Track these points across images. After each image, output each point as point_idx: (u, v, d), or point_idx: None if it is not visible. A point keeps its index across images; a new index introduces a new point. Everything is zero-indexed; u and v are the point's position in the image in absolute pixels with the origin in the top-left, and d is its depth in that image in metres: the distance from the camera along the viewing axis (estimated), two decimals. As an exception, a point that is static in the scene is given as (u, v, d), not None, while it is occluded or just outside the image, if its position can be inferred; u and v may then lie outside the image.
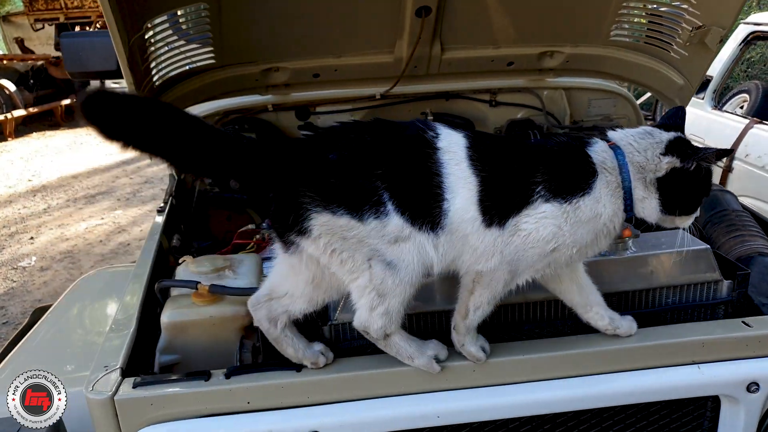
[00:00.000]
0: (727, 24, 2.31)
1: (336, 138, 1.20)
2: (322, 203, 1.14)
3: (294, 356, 1.30)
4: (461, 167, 1.18)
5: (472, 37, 2.59)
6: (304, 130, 2.71)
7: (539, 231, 1.17)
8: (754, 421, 1.34)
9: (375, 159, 1.16)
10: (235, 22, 2.32)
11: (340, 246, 1.15)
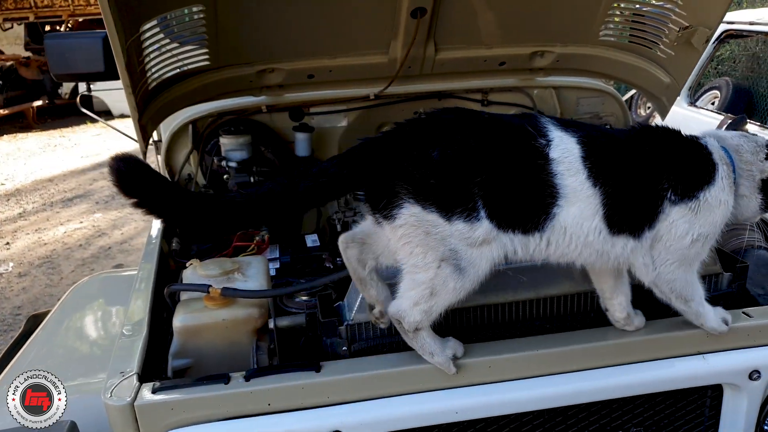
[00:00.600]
0: (714, 24, 2.38)
1: (442, 131, 1.18)
2: (416, 198, 1.15)
3: (375, 298, 1.32)
4: (578, 179, 1.18)
5: (466, 38, 2.62)
6: (299, 131, 2.71)
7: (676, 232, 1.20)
8: (755, 407, 1.40)
9: (478, 165, 1.15)
10: (231, 24, 2.31)
11: (417, 240, 1.16)
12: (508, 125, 1.21)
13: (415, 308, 1.21)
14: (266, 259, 1.81)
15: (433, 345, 1.26)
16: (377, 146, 1.21)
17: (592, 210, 1.18)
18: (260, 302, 1.55)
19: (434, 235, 1.16)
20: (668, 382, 1.36)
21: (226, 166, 2.52)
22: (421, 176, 1.14)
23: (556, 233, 1.20)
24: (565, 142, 1.19)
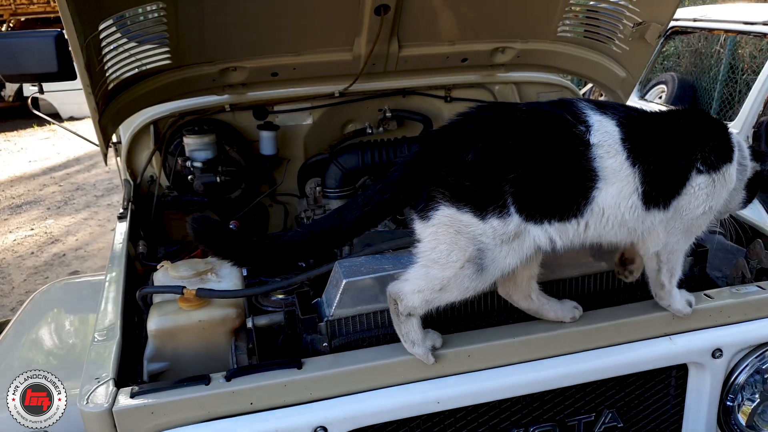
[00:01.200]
0: (666, 20, 2.48)
1: (477, 132, 1.20)
2: (452, 200, 1.18)
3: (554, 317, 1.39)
4: (617, 160, 1.21)
5: (429, 35, 2.65)
6: (263, 129, 2.69)
7: (695, 200, 1.27)
8: (718, 383, 1.47)
9: (513, 163, 1.18)
10: (193, 22, 2.28)
11: (445, 238, 1.20)
12: (547, 117, 1.24)
13: (416, 294, 1.24)
14: (238, 259, 1.79)
15: (417, 335, 1.28)
16: (415, 162, 1.24)
17: (630, 189, 1.22)
18: (236, 302, 1.54)
19: (465, 235, 1.19)
20: (639, 363, 1.41)
21: (191, 166, 2.48)
22: (456, 180, 1.18)
23: (595, 216, 1.23)
24: (604, 126, 1.23)
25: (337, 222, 1.26)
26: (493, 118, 1.23)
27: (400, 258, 1.45)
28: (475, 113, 1.26)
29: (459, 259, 1.20)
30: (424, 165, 1.21)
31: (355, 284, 1.38)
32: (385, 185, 1.23)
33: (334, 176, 2.40)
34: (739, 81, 8.01)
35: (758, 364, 1.48)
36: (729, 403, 1.50)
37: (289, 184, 2.85)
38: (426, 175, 1.20)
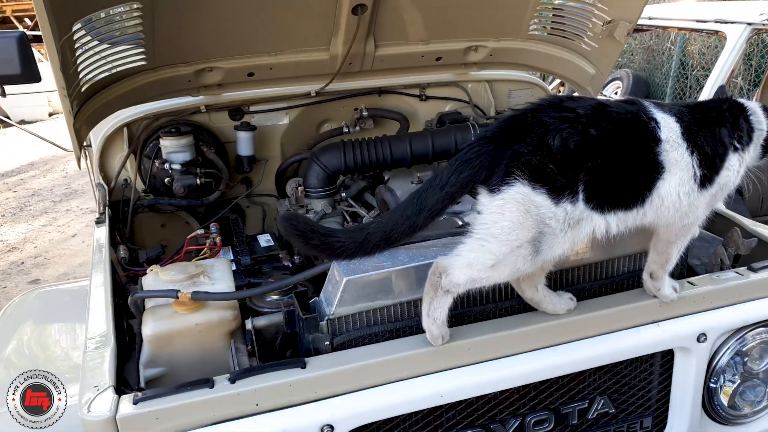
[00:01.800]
0: (634, 18, 2.56)
1: (562, 119, 1.25)
2: (530, 179, 1.22)
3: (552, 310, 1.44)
4: (679, 152, 1.31)
5: (404, 34, 2.68)
6: (241, 130, 2.67)
7: (727, 178, 1.39)
8: (703, 367, 1.54)
9: (593, 153, 1.24)
10: (169, 22, 2.24)
11: (511, 215, 1.23)
12: (625, 112, 1.31)
13: (465, 269, 1.27)
14: (229, 261, 1.78)
15: (443, 314, 1.31)
16: (494, 141, 1.26)
17: (689, 175, 1.32)
18: (232, 304, 1.53)
19: (534, 215, 1.23)
20: (630, 350, 1.46)
21: (169, 168, 2.44)
22: (540, 161, 1.21)
23: (655, 204, 1.31)
24: (668, 122, 1.33)
25: (418, 207, 1.27)
26: (577, 109, 1.28)
27: (397, 254, 1.47)
28: (557, 102, 1.31)
29: (519, 238, 1.23)
30: (503, 144, 1.24)
31: (355, 282, 1.39)
32: (462, 164, 1.25)
33: (315, 176, 2.40)
34: (690, 77, 8.32)
35: (738, 347, 1.55)
36: (712, 385, 1.57)
37: (266, 184, 2.83)
38: (506, 153, 1.23)
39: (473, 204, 2.02)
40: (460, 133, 2.46)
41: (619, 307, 1.47)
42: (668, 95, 8.16)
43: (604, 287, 1.59)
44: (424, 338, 1.37)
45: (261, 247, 2.32)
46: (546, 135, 1.23)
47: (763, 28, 4.75)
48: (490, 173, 1.24)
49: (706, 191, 1.37)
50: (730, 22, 4.94)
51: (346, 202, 2.48)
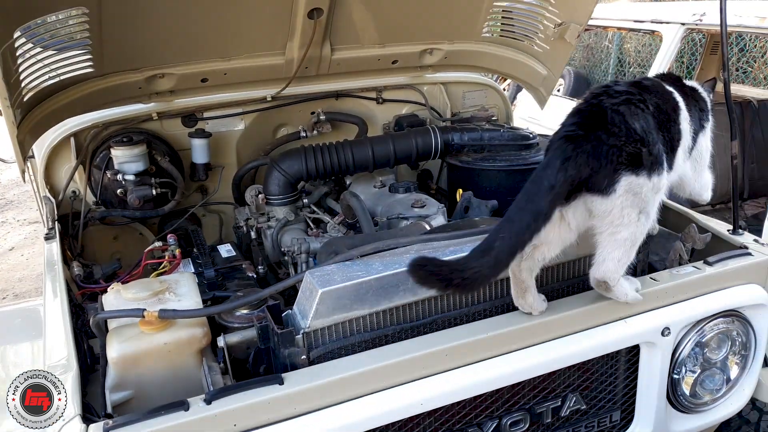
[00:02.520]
0: (584, 21, 2.63)
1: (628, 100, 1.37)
2: (629, 167, 1.33)
3: (531, 304, 1.45)
4: (686, 123, 1.49)
5: (360, 38, 2.66)
6: (195, 137, 2.59)
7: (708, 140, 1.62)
8: (667, 359, 1.59)
9: (662, 128, 1.40)
10: (118, 28, 2.16)
11: (629, 202, 1.35)
12: (664, 90, 1.48)
13: (618, 265, 1.41)
14: (194, 276, 1.72)
15: (626, 285, 1.48)
16: (578, 138, 1.34)
17: (688, 143, 1.51)
18: (202, 321, 1.49)
19: (640, 195, 1.36)
20: (601, 347, 1.50)
21: (122, 179, 2.35)
22: (634, 149, 1.33)
23: (675, 167, 1.48)
24: (678, 96, 1.50)
25: (534, 212, 1.31)
26: (629, 90, 1.40)
27: (371, 263, 1.46)
28: (612, 90, 1.40)
29: (636, 213, 1.37)
30: (594, 140, 1.32)
31: (330, 293, 1.37)
32: (565, 162, 1.31)
33: (276, 183, 2.35)
34: (627, 74, 8.65)
35: (698, 338, 1.61)
36: (675, 376, 1.63)
37: (222, 192, 2.76)
38: (602, 149, 1.31)
39: (438, 208, 2.04)
40: (420, 136, 2.47)
41: (588, 306, 1.50)
42: (607, 92, 8.42)
43: (571, 287, 1.62)
44: (401, 346, 1.37)
45: (222, 258, 2.26)
46: (627, 121, 1.34)
47: (695, 27, 4.97)
48: (592, 170, 1.32)
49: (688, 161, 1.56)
50: (665, 22, 5.14)
51: (309, 208, 2.45)
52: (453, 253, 1.48)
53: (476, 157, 2.45)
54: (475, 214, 2.09)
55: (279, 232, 2.32)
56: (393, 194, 2.30)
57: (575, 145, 1.32)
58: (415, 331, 1.45)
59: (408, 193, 2.28)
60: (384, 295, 1.41)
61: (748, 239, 1.76)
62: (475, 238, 1.53)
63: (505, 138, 2.46)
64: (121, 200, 2.44)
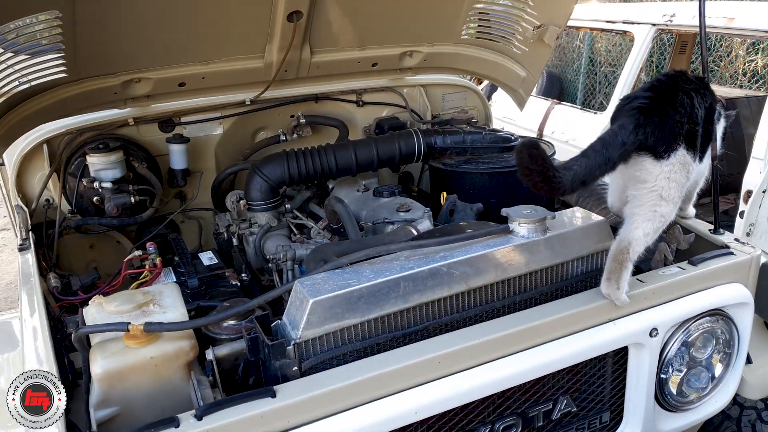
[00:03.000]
0: (562, 23, 2.66)
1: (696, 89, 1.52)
2: (685, 143, 1.49)
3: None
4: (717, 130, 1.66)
5: (340, 40, 2.64)
6: (173, 142, 2.54)
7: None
8: (655, 360, 1.61)
9: (707, 122, 1.54)
10: (92, 31, 2.10)
11: (676, 176, 1.49)
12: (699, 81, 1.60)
13: (644, 239, 1.51)
14: (178, 286, 1.68)
15: (627, 281, 1.51)
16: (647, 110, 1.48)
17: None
18: (188, 333, 1.45)
19: (688, 173, 1.51)
20: (592, 349, 1.51)
21: (98, 187, 2.29)
22: (691, 129, 1.49)
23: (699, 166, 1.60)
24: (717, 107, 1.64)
25: (606, 157, 1.46)
26: (700, 86, 1.55)
27: (362, 271, 1.44)
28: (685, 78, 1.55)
29: (679, 193, 1.52)
30: (663, 114, 1.47)
31: (322, 302, 1.35)
32: (637, 128, 1.46)
33: (258, 188, 2.32)
34: (599, 73, 8.77)
35: (684, 338, 1.63)
36: (663, 376, 1.65)
37: (202, 198, 2.72)
38: (668, 123, 1.47)
39: (424, 211, 2.03)
40: (403, 139, 2.46)
41: (577, 309, 1.51)
42: (579, 90, 8.56)
43: (559, 290, 1.63)
44: (394, 355, 1.36)
45: (204, 266, 2.22)
46: (693, 105, 1.49)
47: (666, 28, 5.06)
48: (655, 140, 1.46)
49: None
50: (637, 23, 5.22)
51: (291, 213, 2.42)
52: (444, 258, 1.47)
53: (459, 159, 2.45)
54: (460, 217, 2.09)
55: (262, 238, 2.28)
56: (377, 198, 2.29)
57: (646, 115, 1.47)
58: (407, 339, 1.44)
59: (393, 197, 2.26)
60: (375, 303, 1.40)
61: (729, 238, 1.79)
62: (464, 244, 1.53)
63: (487, 141, 2.47)
64: (98, 208, 2.38)
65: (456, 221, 2.12)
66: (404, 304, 1.42)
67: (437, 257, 1.48)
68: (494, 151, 2.47)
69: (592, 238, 1.63)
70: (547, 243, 1.57)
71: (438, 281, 1.45)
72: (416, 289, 1.43)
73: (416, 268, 1.44)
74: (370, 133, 2.99)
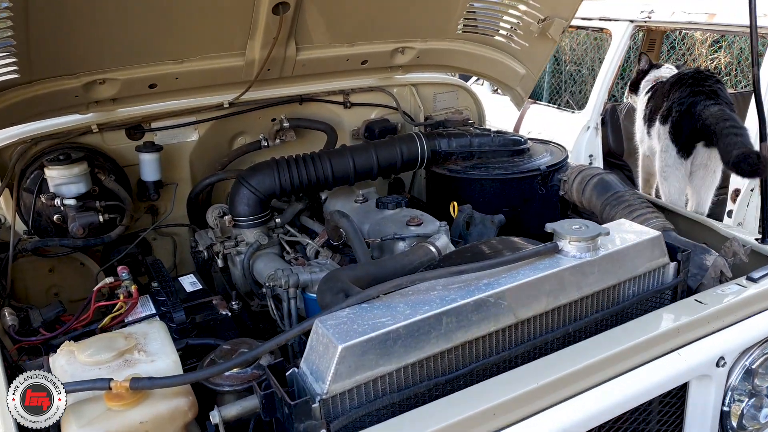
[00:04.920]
0: (569, 15, 2.48)
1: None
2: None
3: None
4: None
5: (328, 36, 2.41)
6: (144, 151, 2.25)
7: None
8: (721, 392, 1.42)
9: None
10: (49, 26, 1.81)
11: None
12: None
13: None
14: (164, 325, 1.41)
15: None
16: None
17: None
18: (185, 389, 1.19)
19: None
20: (657, 387, 1.30)
21: (59, 204, 1.98)
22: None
23: None
24: None
25: None
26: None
27: (395, 306, 1.21)
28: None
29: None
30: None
31: (353, 349, 1.10)
32: None
33: (245, 201, 2.05)
34: (564, 72, 8.74)
35: (747, 365, 1.46)
36: (725, 408, 1.47)
37: (176, 212, 2.43)
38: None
39: (440, 225, 1.81)
40: (405, 144, 2.23)
41: (639, 340, 1.30)
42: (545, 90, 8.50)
43: (610, 318, 1.42)
44: (439, 408, 1.13)
45: (186, 293, 1.94)
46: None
47: (644, 24, 4.99)
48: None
49: None
50: (614, 19, 5.14)
51: (282, 229, 2.16)
52: (490, 287, 1.25)
53: (465, 165, 2.24)
54: (478, 231, 1.88)
55: (251, 258, 2.02)
56: (381, 210, 2.05)
57: None
58: (450, 385, 1.21)
59: (399, 208, 2.03)
60: (414, 345, 1.17)
61: (782, 248, 1.63)
62: (509, 268, 1.31)
63: (496, 143, 2.26)
64: (59, 227, 2.08)
65: (473, 235, 1.91)
66: (447, 344, 1.20)
67: (481, 285, 1.26)
68: (503, 155, 2.26)
69: (645, 255, 1.43)
70: (600, 263, 1.36)
71: (484, 314, 1.23)
72: (460, 325, 1.21)
73: (460, 299, 1.21)
74: (359, 136, 2.76)
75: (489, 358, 1.25)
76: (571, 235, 1.34)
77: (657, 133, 3.14)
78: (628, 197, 1.90)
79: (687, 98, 2.85)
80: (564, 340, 1.33)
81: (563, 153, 2.27)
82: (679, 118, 2.87)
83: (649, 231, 1.47)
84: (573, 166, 2.21)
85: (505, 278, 1.28)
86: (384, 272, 1.50)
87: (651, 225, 1.76)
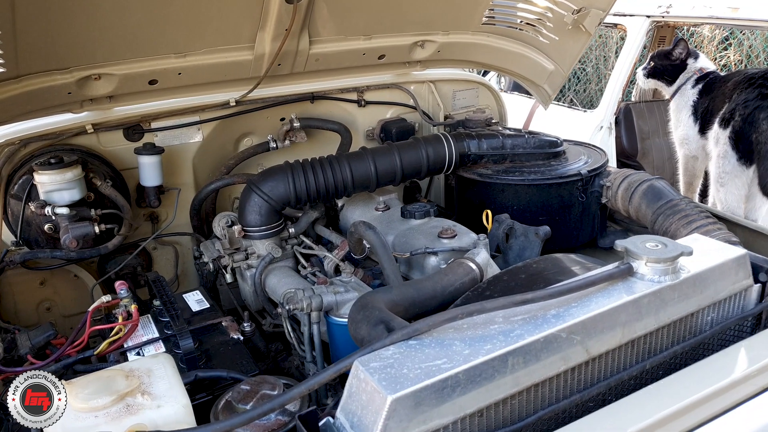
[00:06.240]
0: (607, 6, 2.29)
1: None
2: None
3: None
4: None
5: (344, 27, 2.22)
6: (143, 153, 2.05)
7: None
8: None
9: None
10: (38, 17, 1.62)
11: None
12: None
13: None
14: (172, 359, 1.22)
15: None
16: None
17: None
18: (200, 442, 0.99)
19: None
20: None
21: (51, 213, 1.78)
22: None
23: None
24: None
25: None
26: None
27: (451, 344, 1.01)
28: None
29: None
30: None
31: (404, 400, 0.91)
32: None
33: (257, 210, 1.85)
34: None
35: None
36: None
37: (178, 219, 2.23)
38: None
39: (479, 238, 1.62)
40: (431, 146, 2.02)
41: (731, 378, 1.11)
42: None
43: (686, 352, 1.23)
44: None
45: (192, 312, 1.75)
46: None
47: (662, 20, 4.81)
48: None
49: None
50: (629, 15, 4.97)
51: (297, 239, 1.96)
52: (560, 319, 1.06)
53: (497, 169, 2.04)
54: (520, 243, 1.68)
55: (263, 273, 1.82)
56: (407, 220, 1.85)
57: None
58: (515, 438, 1.01)
59: (427, 218, 1.83)
60: (475, 392, 0.97)
61: None
62: (578, 295, 1.12)
63: (531, 145, 2.07)
64: (50, 238, 1.88)
65: (513, 249, 1.71)
66: (512, 389, 1.00)
67: (549, 317, 1.06)
68: (538, 158, 2.07)
69: (729, 277, 1.24)
70: (681, 287, 1.17)
71: (553, 351, 1.04)
72: (527, 366, 1.01)
73: (527, 335, 1.01)
74: (374, 137, 2.56)
75: (558, 403, 1.05)
76: (648, 255, 1.14)
77: (715, 137, 2.93)
78: (684, 206, 1.71)
79: (753, 101, 2.63)
80: (643, 380, 1.13)
81: (603, 156, 2.08)
82: (742, 123, 2.66)
83: (732, 248, 1.28)
84: (615, 170, 2.02)
85: (576, 308, 1.09)
86: (423, 295, 1.31)
87: (714, 238, 1.57)
